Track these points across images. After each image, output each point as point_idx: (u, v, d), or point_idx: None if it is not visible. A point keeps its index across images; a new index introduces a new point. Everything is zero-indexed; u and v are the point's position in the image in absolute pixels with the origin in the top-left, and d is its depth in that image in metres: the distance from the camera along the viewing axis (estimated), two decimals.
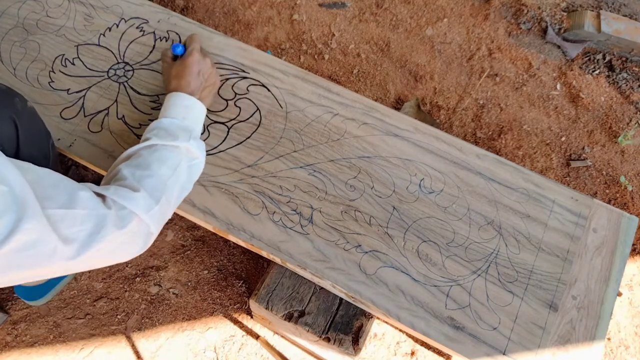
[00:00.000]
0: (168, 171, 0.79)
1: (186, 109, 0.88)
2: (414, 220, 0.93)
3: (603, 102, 1.60)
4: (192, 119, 0.89)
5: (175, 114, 0.86)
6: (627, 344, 1.25)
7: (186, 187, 0.84)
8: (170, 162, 0.80)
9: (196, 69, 0.93)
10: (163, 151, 0.80)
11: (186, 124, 0.86)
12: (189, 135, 0.84)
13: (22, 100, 0.84)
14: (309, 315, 1.01)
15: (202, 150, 0.88)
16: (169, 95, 0.90)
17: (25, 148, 0.80)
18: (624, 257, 0.92)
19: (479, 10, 1.78)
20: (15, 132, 0.78)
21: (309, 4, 1.76)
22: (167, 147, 0.81)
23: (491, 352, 0.82)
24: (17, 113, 0.79)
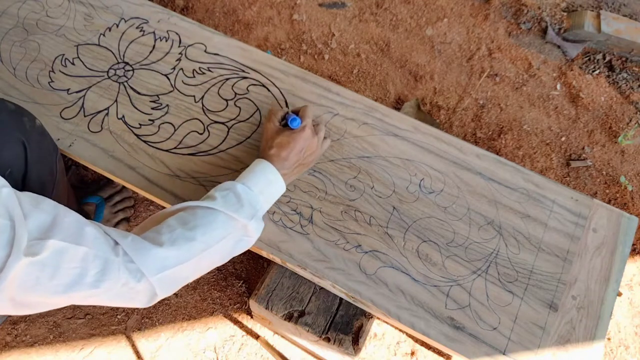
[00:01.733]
0: (210, 241, 0.73)
1: (268, 183, 0.83)
2: (414, 220, 0.93)
3: (603, 102, 1.60)
4: (267, 197, 0.83)
5: (253, 184, 0.81)
6: (627, 344, 1.25)
7: (222, 261, 0.79)
8: (219, 233, 0.74)
9: (301, 146, 0.87)
10: (218, 218, 0.75)
11: (258, 200, 0.81)
12: (253, 213, 0.79)
13: (31, 119, 0.82)
14: (309, 315, 1.01)
15: (258, 232, 0.82)
16: (260, 161, 0.85)
17: (33, 167, 0.79)
18: (624, 257, 0.92)
19: (479, 10, 1.78)
20: (24, 153, 0.76)
21: (309, 4, 1.76)
22: (225, 215, 0.75)
23: (491, 352, 0.82)
24: (26, 133, 0.77)
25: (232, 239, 0.77)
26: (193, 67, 1.10)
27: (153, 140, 1.00)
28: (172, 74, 1.09)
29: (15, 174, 0.76)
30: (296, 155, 0.87)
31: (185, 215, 0.74)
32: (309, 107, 0.93)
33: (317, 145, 0.91)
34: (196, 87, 1.07)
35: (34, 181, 0.79)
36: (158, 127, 1.02)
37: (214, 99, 1.06)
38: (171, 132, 1.01)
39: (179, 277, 0.72)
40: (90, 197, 1.27)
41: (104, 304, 0.67)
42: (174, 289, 0.72)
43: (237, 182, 0.81)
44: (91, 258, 0.61)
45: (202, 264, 0.75)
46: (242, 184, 0.81)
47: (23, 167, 0.77)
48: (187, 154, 0.99)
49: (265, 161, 0.84)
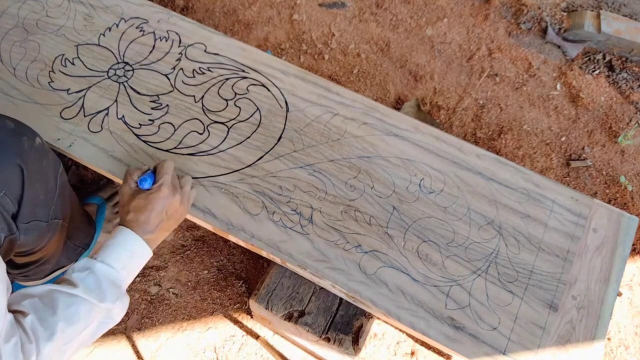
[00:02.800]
0: (73, 334, 0.70)
1: (130, 256, 0.79)
2: (414, 220, 0.93)
3: (603, 102, 1.60)
4: (130, 270, 0.80)
5: (114, 261, 0.77)
6: (627, 344, 1.25)
7: (85, 344, 0.75)
8: (81, 324, 0.71)
9: (160, 206, 0.82)
10: (80, 308, 0.71)
11: (121, 277, 0.77)
12: (117, 295, 0.75)
13: (30, 138, 0.78)
14: (309, 315, 1.01)
15: (123, 312, 0.78)
16: (120, 230, 0.80)
17: (30, 187, 0.77)
18: (624, 257, 0.92)
19: (479, 10, 1.78)
20: (21, 175, 0.74)
21: (309, 4, 1.76)
22: (87, 303, 0.71)
23: (491, 352, 0.82)
24: (24, 154, 0.75)
25: (95, 324, 0.74)
26: (193, 67, 1.10)
27: (153, 140, 1.00)
28: (172, 73, 1.09)
29: (10, 196, 0.73)
30: (157, 217, 0.82)
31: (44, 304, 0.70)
32: (167, 163, 0.87)
33: (180, 202, 0.86)
34: (196, 87, 1.07)
35: (31, 200, 0.76)
36: (158, 127, 1.02)
37: (214, 99, 1.06)
38: (171, 132, 1.01)
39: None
40: (91, 197, 1.27)
41: None
42: None
43: (97, 261, 0.76)
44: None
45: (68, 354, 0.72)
46: (102, 261, 0.76)
47: (19, 189, 0.74)
48: (187, 154, 0.99)
49: (126, 229, 0.80)
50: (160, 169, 0.86)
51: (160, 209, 0.82)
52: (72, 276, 0.74)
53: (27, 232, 0.79)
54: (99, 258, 0.76)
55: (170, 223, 0.86)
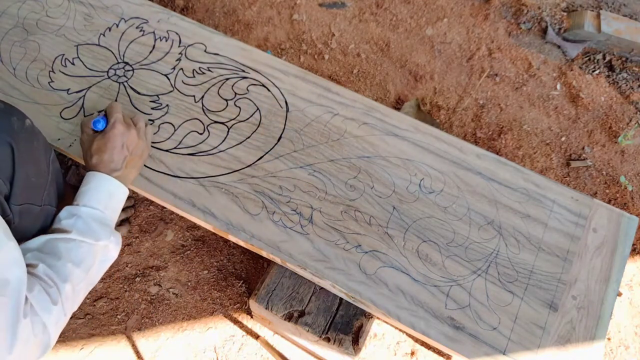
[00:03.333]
0: (82, 274, 0.75)
1: (109, 196, 0.82)
2: (414, 220, 0.93)
3: (603, 102, 1.60)
4: (113, 208, 0.83)
5: (96, 203, 0.80)
6: (627, 344, 1.25)
7: (92, 284, 0.80)
8: (85, 264, 0.75)
9: (120, 142, 0.86)
10: (80, 250, 0.75)
11: (107, 216, 0.81)
12: (109, 231, 0.79)
13: (20, 119, 0.79)
14: (309, 315, 1.01)
15: (119, 247, 0.83)
16: (91, 175, 0.83)
17: (21, 168, 0.77)
18: (624, 257, 0.92)
19: (479, 10, 1.78)
20: (11, 154, 0.75)
21: (309, 4, 1.76)
22: (85, 244, 0.76)
23: (491, 352, 0.82)
24: (14, 134, 0.75)
25: (97, 263, 0.78)
26: (193, 67, 1.10)
27: (153, 140, 1.00)
28: (172, 73, 1.09)
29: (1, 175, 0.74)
30: (120, 153, 0.85)
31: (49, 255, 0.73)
32: (114, 104, 0.91)
33: (138, 136, 0.90)
34: (196, 87, 1.07)
35: (22, 182, 0.77)
36: (158, 127, 1.02)
37: (214, 98, 1.06)
38: (171, 132, 1.01)
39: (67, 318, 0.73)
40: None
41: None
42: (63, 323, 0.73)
43: (79, 206, 0.79)
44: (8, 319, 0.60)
45: (80, 297, 0.76)
46: (84, 205, 0.79)
47: (10, 169, 0.75)
48: (187, 154, 0.99)
49: (97, 173, 0.82)
50: (110, 110, 0.90)
51: (120, 145, 0.85)
52: (62, 223, 0.77)
53: (20, 215, 0.79)
54: (80, 203, 0.80)
55: (135, 159, 0.89)
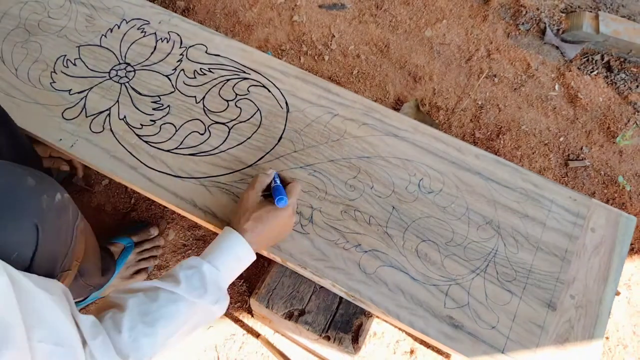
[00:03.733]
0: (172, 330, 0.71)
1: (236, 260, 0.79)
2: (413, 219, 0.94)
3: (601, 102, 1.61)
4: (233, 274, 0.80)
5: (221, 263, 0.77)
6: (625, 343, 1.26)
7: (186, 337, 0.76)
8: (180, 321, 0.71)
9: (280, 227, 0.83)
10: (181, 305, 0.71)
11: (225, 279, 0.77)
12: (218, 296, 0.76)
13: (51, 196, 0.73)
14: (309, 314, 1.01)
15: (222, 310, 0.78)
16: (230, 233, 0.79)
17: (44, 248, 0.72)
18: (622, 257, 0.93)
19: (478, 12, 1.79)
20: (36, 235, 0.70)
21: (309, 6, 1.76)
22: (188, 302, 0.72)
23: (490, 351, 0.82)
24: (42, 214, 0.71)
25: (193, 322, 0.74)
26: (194, 68, 1.10)
27: (154, 141, 1.01)
28: (174, 74, 1.09)
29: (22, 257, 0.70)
30: (271, 234, 0.82)
31: (146, 302, 0.70)
32: (298, 185, 0.87)
33: (291, 226, 0.87)
34: (197, 88, 1.08)
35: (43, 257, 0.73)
36: (159, 128, 1.03)
37: (214, 99, 1.06)
38: (172, 132, 1.02)
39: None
40: (121, 237, 1.23)
41: None
42: None
43: (204, 261, 0.76)
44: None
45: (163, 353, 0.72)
46: (209, 262, 0.76)
47: (32, 250, 0.71)
48: (188, 154, 1.00)
49: (236, 234, 0.79)
50: (293, 189, 0.85)
51: (278, 229, 0.83)
52: (179, 274, 0.74)
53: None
54: (206, 258, 0.77)
55: (273, 242, 0.87)
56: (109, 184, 1.39)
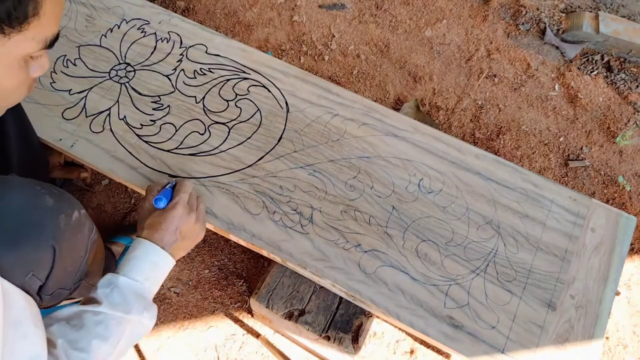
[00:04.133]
0: (108, 349, 0.70)
1: (153, 267, 0.78)
2: (413, 219, 0.94)
3: (601, 102, 1.61)
4: (154, 280, 0.79)
5: (136, 274, 0.76)
6: (625, 342, 1.26)
7: (123, 354, 0.75)
8: (114, 339, 0.71)
9: (174, 226, 0.82)
10: (109, 324, 0.71)
11: (145, 288, 0.77)
12: (143, 306, 0.75)
13: (68, 215, 0.73)
14: (309, 314, 1.01)
15: (153, 320, 0.78)
16: (138, 242, 0.79)
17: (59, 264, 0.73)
18: (622, 257, 0.93)
19: (478, 12, 1.79)
20: (52, 255, 0.71)
21: (309, 6, 1.76)
22: (115, 318, 0.71)
23: (490, 351, 0.82)
24: (59, 234, 0.71)
25: (126, 338, 0.73)
26: (194, 68, 1.10)
27: (154, 141, 1.01)
28: (174, 74, 1.10)
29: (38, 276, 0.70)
30: (170, 236, 0.81)
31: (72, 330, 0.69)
32: (185, 183, 0.87)
33: (196, 220, 0.86)
34: (197, 88, 1.08)
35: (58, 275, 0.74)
36: (159, 128, 1.03)
37: (214, 99, 1.06)
38: (172, 132, 1.02)
39: None
40: (122, 237, 1.25)
41: None
42: None
43: (119, 275, 0.75)
44: None
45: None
46: (124, 275, 0.75)
47: (48, 271, 0.71)
48: (188, 154, 1.00)
49: (144, 241, 0.79)
50: (178, 187, 0.87)
51: (173, 229, 0.82)
52: (97, 293, 0.74)
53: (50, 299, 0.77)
54: (121, 272, 0.76)
55: (186, 243, 0.86)
56: (109, 184, 1.39)
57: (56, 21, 0.58)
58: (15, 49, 0.54)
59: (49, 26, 0.56)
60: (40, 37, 0.56)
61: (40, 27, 0.55)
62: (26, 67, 0.60)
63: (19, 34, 0.53)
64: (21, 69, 0.59)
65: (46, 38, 0.57)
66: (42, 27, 0.55)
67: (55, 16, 0.57)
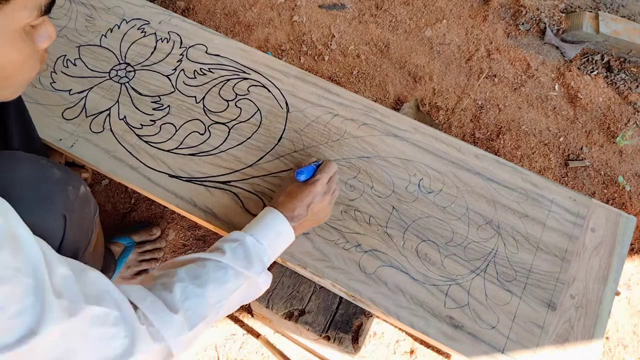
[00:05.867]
0: (222, 295, 0.72)
1: (277, 236, 0.81)
2: (413, 219, 0.94)
3: (601, 102, 1.61)
4: (275, 249, 0.81)
5: (263, 237, 0.79)
6: (625, 342, 1.26)
7: (230, 311, 0.77)
8: (229, 287, 0.73)
9: (308, 201, 0.84)
10: (229, 272, 0.73)
11: (266, 253, 0.79)
12: (262, 268, 0.78)
13: (76, 188, 0.76)
14: (309, 314, 1.01)
15: (267, 284, 0.80)
16: (269, 211, 0.82)
17: (70, 236, 0.74)
18: (622, 257, 0.93)
19: (478, 12, 1.79)
20: (63, 226, 0.72)
21: (309, 6, 1.76)
22: (235, 271, 0.74)
23: (490, 351, 0.82)
24: (68, 204, 0.73)
25: (241, 292, 0.76)
26: (194, 68, 1.10)
27: (154, 141, 1.01)
28: (174, 74, 1.10)
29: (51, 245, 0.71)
30: (303, 209, 0.83)
31: (195, 268, 0.72)
32: (331, 164, 0.89)
33: (327, 204, 0.87)
34: (197, 88, 1.08)
35: (68, 247, 0.75)
36: (159, 128, 1.03)
37: (214, 99, 1.06)
38: (172, 132, 1.02)
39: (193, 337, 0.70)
40: (122, 237, 1.24)
41: None
42: (188, 347, 0.70)
43: (247, 234, 0.78)
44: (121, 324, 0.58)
45: (214, 318, 0.73)
46: (251, 235, 0.78)
47: (59, 240, 0.73)
48: (188, 154, 1.00)
49: (275, 211, 0.82)
50: (322, 166, 0.89)
51: (307, 203, 0.83)
52: (222, 245, 0.77)
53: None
54: (248, 232, 0.79)
55: (310, 222, 0.87)
56: (109, 184, 1.39)
57: None
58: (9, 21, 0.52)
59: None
60: (32, 3, 0.54)
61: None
62: (30, 39, 0.58)
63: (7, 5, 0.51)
64: (24, 42, 0.57)
65: (39, 4, 0.55)
66: None
67: None
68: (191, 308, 0.68)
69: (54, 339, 0.51)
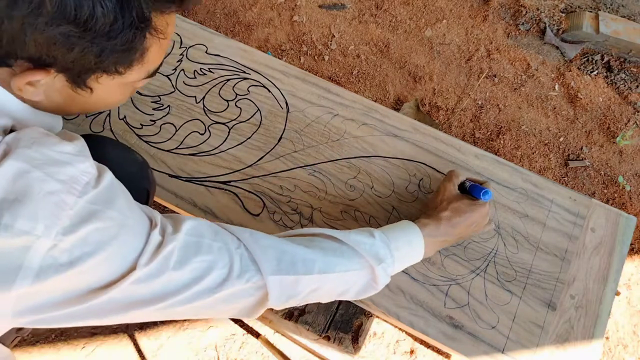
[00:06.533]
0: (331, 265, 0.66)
1: (407, 245, 0.75)
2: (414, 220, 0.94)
3: (601, 102, 1.61)
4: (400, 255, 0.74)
5: (392, 238, 0.74)
6: (625, 342, 1.26)
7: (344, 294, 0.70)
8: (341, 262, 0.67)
9: (475, 221, 0.80)
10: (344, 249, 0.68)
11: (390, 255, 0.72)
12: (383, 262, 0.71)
13: (151, 172, 0.86)
14: (309, 314, 1.01)
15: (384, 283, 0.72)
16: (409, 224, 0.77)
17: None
18: (622, 257, 0.93)
19: (478, 12, 1.79)
20: (146, 201, 0.80)
21: (309, 6, 1.76)
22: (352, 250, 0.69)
23: (490, 351, 0.82)
24: (151, 184, 0.83)
25: (356, 276, 0.69)
26: (194, 67, 1.10)
27: (154, 141, 1.01)
28: (174, 74, 1.10)
29: None
30: (465, 228, 0.80)
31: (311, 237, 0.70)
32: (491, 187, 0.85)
33: (482, 228, 0.84)
34: (197, 88, 1.08)
35: None
36: (159, 128, 1.03)
37: (214, 99, 1.07)
38: (172, 132, 1.02)
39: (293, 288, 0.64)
40: None
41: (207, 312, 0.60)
42: (284, 300, 0.64)
43: (378, 231, 0.74)
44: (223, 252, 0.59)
45: (322, 287, 0.67)
46: (383, 232, 0.74)
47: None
48: (188, 154, 1.00)
49: (415, 226, 0.77)
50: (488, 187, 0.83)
51: (473, 222, 0.80)
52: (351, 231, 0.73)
53: None
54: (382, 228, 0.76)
55: (453, 241, 0.83)
56: None
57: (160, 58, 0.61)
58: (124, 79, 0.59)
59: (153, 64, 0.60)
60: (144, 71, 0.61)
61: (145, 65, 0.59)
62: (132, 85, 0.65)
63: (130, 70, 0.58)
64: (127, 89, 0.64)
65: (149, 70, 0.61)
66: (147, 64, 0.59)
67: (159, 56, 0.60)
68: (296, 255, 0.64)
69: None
